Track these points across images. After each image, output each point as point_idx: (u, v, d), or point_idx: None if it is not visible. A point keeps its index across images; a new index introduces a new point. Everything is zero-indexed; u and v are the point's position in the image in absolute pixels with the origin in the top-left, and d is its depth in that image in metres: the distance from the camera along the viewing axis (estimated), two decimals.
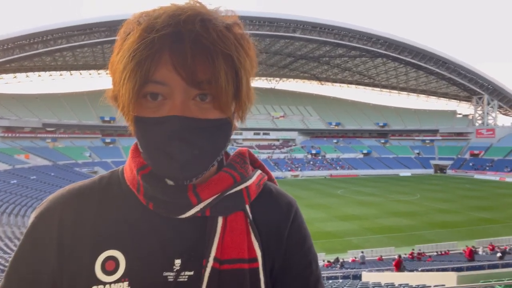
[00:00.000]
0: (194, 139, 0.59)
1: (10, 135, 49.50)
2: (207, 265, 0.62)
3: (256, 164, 0.79)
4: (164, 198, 0.63)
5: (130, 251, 0.63)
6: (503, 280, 7.80)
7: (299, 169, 59.65)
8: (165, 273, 0.62)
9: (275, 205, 0.72)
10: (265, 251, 0.68)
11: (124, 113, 0.62)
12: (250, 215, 0.68)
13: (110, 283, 0.61)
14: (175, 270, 0.63)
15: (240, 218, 0.67)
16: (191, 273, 0.63)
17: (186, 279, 0.62)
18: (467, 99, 73.69)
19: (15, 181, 31.62)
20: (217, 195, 0.65)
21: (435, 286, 8.23)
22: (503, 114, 73.28)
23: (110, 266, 0.62)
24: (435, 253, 19.86)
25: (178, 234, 0.65)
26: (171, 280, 0.62)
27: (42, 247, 0.64)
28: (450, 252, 20.16)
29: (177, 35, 0.57)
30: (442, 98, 78.67)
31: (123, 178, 0.70)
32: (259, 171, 0.75)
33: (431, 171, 63.34)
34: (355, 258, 19.23)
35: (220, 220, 0.66)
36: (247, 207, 0.69)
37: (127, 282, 0.61)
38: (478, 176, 56.29)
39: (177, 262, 0.63)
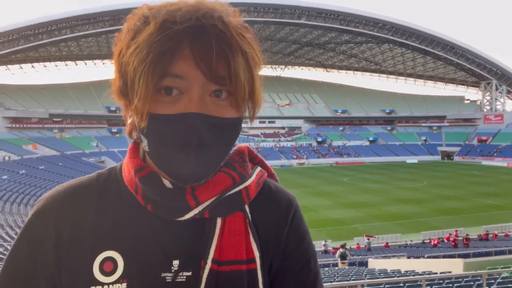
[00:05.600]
0: (210, 137, 0.58)
1: (17, 125, 49.90)
2: (205, 266, 0.62)
3: (255, 161, 0.78)
4: (163, 201, 0.63)
5: (128, 252, 0.63)
6: (510, 267, 7.80)
7: (305, 157, 59.62)
8: (163, 274, 0.62)
9: (274, 204, 0.72)
10: (263, 251, 0.68)
11: (137, 109, 0.58)
12: (249, 216, 0.68)
13: (108, 284, 0.61)
14: (173, 270, 0.63)
15: (239, 219, 0.66)
16: (189, 273, 0.63)
17: (184, 280, 0.62)
18: (475, 84, 72.72)
19: (23, 171, 32.02)
20: (215, 197, 0.64)
21: (441, 273, 8.24)
22: None
23: (108, 267, 0.62)
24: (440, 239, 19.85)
25: (176, 235, 0.65)
26: (169, 280, 0.62)
27: (40, 247, 0.63)
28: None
29: (200, 29, 0.56)
30: (449, 84, 77.72)
31: (121, 177, 0.69)
32: (258, 168, 0.74)
33: (438, 157, 62.97)
34: (359, 244, 19.32)
35: (219, 221, 0.65)
36: (246, 207, 0.68)
37: (125, 283, 0.61)
38: (485, 162, 55.94)
39: (175, 263, 0.63)
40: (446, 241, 19.39)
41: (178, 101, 0.57)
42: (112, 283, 0.61)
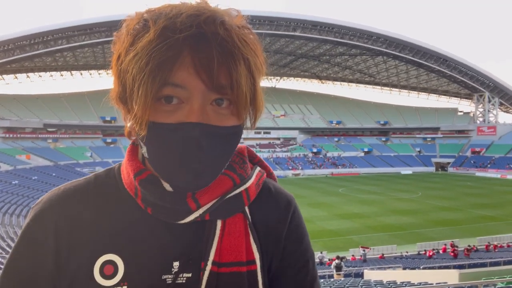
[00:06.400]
0: (211, 147, 0.58)
1: (11, 135, 49.54)
2: (205, 268, 0.62)
3: (255, 160, 0.78)
4: (163, 204, 0.62)
5: (128, 255, 0.63)
6: (505, 277, 7.80)
7: (300, 167, 59.62)
8: (164, 276, 0.62)
9: (273, 204, 0.72)
10: (263, 252, 0.67)
11: (136, 117, 0.57)
12: (249, 217, 0.68)
13: (109, 287, 0.61)
14: (173, 272, 0.62)
15: (239, 221, 0.66)
16: (189, 275, 0.63)
17: (184, 281, 0.62)
18: (468, 96, 73.55)
19: (16, 181, 31.68)
20: (216, 200, 0.64)
21: (437, 283, 8.23)
22: (504, 111, 73.11)
23: (108, 271, 0.62)
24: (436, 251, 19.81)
25: (176, 238, 0.64)
26: (170, 282, 0.62)
27: (39, 251, 0.63)
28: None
29: (201, 37, 0.55)
30: (443, 96, 78.50)
31: (120, 179, 0.68)
32: (258, 169, 0.74)
33: (432, 169, 63.24)
34: (353, 255, 19.22)
35: (219, 223, 0.65)
36: (246, 208, 0.68)
37: (126, 286, 0.61)
38: (479, 173, 56.22)
39: (176, 264, 0.63)
40: (442, 252, 19.34)
41: (178, 110, 0.57)
42: (113, 286, 0.61)
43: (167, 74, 0.54)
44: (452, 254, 17.82)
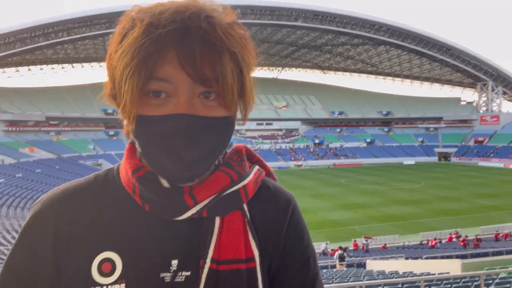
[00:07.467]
0: (200, 138, 0.59)
1: (14, 129, 49.71)
2: (204, 266, 0.62)
3: (253, 160, 0.78)
4: (160, 201, 0.63)
5: (127, 253, 0.63)
6: (507, 267, 7.82)
7: (303, 158, 59.67)
8: (162, 274, 0.62)
9: (272, 202, 0.71)
10: (262, 250, 0.67)
11: (125, 111, 0.60)
12: (248, 214, 0.68)
13: (107, 285, 0.61)
14: (172, 270, 0.62)
15: (237, 218, 0.66)
16: (188, 273, 0.63)
17: (183, 279, 0.62)
18: (471, 85, 73.08)
19: (20, 174, 31.86)
20: (214, 196, 0.64)
21: (439, 273, 8.25)
22: (508, 100, 72.73)
23: (106, 268, 0.62)
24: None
25: (175, 235, 0.64)
26: (168, 280, 0.62)
27: (38, 249, 0.64)
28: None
29: (184, 31, 0.56)
30: (446, 85, 78.10)
31: (119, 178, 0.69)
32: (256, 167, 0.74)
33: (435, 159, 63.15)
34: (356, 241, 19.30)
35: (217, 221, 0.65)
36: (245, 206, 0.68)
37: (124, 284, 0.61)
38: (482, 163, 56.15)
39: (174, 262, 0.63)
40: (448, 241, 19.39)
41: (166, 103, 0.58)
42: (111, 284, 0.61)
43: (152, 68, 0.56)
44: (462, 244, 17.84)
